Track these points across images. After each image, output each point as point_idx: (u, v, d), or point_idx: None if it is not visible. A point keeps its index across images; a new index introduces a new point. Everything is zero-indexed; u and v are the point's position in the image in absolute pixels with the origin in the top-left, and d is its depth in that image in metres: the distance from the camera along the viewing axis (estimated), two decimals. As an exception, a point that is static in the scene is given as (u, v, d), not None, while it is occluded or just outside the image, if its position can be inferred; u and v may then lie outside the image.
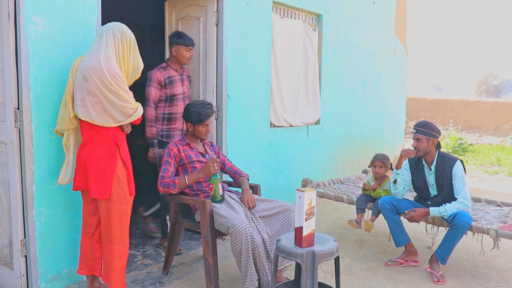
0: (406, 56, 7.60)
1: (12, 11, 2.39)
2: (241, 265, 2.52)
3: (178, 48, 3.42)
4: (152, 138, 3.43)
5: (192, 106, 2.95)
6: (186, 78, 3.58)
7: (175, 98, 3.46)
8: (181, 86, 3.50)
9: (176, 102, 3.47)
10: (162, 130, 3.50)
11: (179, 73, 3.50)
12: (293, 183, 4.72)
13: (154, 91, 3.39)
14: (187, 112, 2.95)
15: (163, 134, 3.50)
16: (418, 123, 3.29)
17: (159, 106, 3.47)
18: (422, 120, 3.36)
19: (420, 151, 3.22)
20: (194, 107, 2.93)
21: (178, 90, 3.46)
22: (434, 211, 3.14)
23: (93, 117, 2.33)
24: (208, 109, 2.93)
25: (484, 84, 49.82)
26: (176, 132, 3.53)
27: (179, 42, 3.41)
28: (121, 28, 2.41)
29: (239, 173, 3.11)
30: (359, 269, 3.26)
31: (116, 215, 2.42)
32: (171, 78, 3.43)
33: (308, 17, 5.03)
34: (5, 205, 2.61)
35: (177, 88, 3.46)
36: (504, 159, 8.69)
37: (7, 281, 2.66)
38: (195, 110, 2.91)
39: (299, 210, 2.19)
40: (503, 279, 3.15)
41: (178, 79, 3.48)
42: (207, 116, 2.92)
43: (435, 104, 13.84)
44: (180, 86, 3.48)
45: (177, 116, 3.48)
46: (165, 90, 3.42)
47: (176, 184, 2.77)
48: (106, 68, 2.28)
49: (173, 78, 3.44)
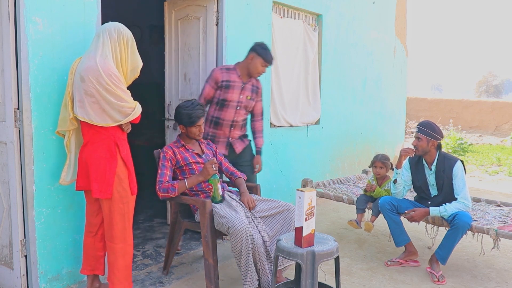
0: (406, 56, 7.60)
1: (12, 11, 2.39)
2: (241, 265, 2.52)
3: (255, 58, 3.28)
4: None
5: (182, 108, 2.89)
6: (250, 89, 3.40)
7: (227, 104, 3.32)
8: (238, 94, 3.34)
9: (226, 109, 3.33)
10: (208, 133, 3.41)
11: (243, 80, 3.35)
12: (293, 183, 4.72)
13: (208, 88, 3.30)
14: (178, 114, 2.90)
15: (208, 137, 3.40)
16: (422, 122, 3.28)
17: (210, 106, 3.38)
18: (426, 120, 3.34)
19: (419, 151, 3.22)
20: (184, 109, 2.87)
21: (232, 97, 3.31)
22: (434, 211, 3.14)
23: (92, 117, 2.33)
24: (199, 110, 2.88)
25: (484, 84, 49.81)
26: (221, 139, 3.41)
27: (260, 53, 3.28)
28: (117, 28, 2.41)
29: (235, 175, 3.09)
30: (359, 269, 3.26)
31: (118, 214, 2.43)
32: (229, 82, 3.30)
33: (308, 17, 5.03)
34: (5, 205, 2.61)
35: (232, 94, 3.31)
36: (504, 159, 8.69)
37: (7, 281, 2.66)
38: (185, 112, 2.85)
39: (299, 210, 2.19)
40: (503, 279, 3.15)
41: (237, 85, 3.33)
42: (197, 117, 2.87)
43: (435, 104, 13.83)
44: (237, 93, 3.33)
45: (224, 122, 3.36)
46: (219, 92, 3.30)
47: (176, 188, 2.75)
48: (102, 68, 2.28)
49: (231, 83, 3.30)
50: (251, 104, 3.45)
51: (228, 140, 3.43)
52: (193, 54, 3.84)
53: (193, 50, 3.84)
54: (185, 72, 3.92)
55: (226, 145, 3.44)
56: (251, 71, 3.33)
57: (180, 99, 3.95)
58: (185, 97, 3.89)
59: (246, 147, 3.55)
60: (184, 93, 3.94)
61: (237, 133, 3.46)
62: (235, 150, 3.46)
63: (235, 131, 3.44)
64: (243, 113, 3.43)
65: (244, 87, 3.36)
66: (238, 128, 3.46)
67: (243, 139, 3.55)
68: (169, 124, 4.04)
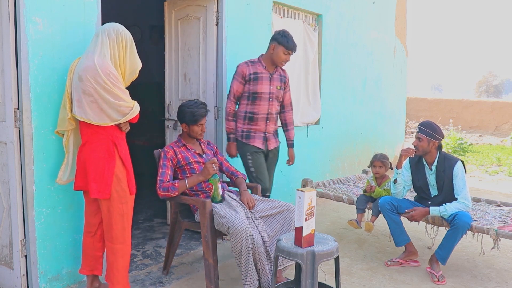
0: (406, 56, 7.60)
1: (12, 11, 2.39)
2: (242, 265, 2.52)
3: (276, 47, 3.25)
4: (229, 132, 3.35)
5: (185, 106, 2.92)
6: (278, 78, 3.37)
7: (259, 97, 3.28)
8: (268, 85, 3.30)
9: (259, 101, 3.29)
10: (242, 130, 3.34)
11: (269, 71, 3.32)
12: (293, 183, 4.72)
13: (236, 84, 3.28)
14: (181, 112, 2.93)
15: (242, 134, 3.35)
16: (423, 122, 3.27)
17: (241, 103, 3.34)
18: (428, 120, 3.33)
19: (420, 151, 3.22)
20: (187, 107, 2.91)
21: (262, 88, 3.28)
22: (434, 211, 3.14)
23: (90, 116, 2.33)
24: (202, 109, 2.92)
25: (484, 84, 49.82)
26: (257, 134, 3.36)
27: (280, 42, 3.24)
28: (116, 29, 2.41)
29: (236, 174, 3.10)
30: (359, 269, 3.26)
31: (117, 214, 2.43)
32: (257, 74, 3.26)
33: (308, 17, 5.03)
34: (5, 205, 2.61)
35: (261, 86, 3.27)
36: (504, 159, 8.69)
37: (7, 281, 2.66)
38: (189, 110, 2.89)
39: (299, 210, 2.19)
40: (503, 279, 3.15)
41: (265, 76, 3.29)
42: (201, 116, 2.90)
43: (435, 104, 13.84)
44: (266, 84, 3.29)
45: (259, 116, 3.33)
46: (248, 86, 3.26)
47: (176, 187, 2.76)
48: (100, 67, 2.28)
49: (259, 74, 3.26)
50: (281, 94, 3.41)
51: (264, 134, 3.39)
52: (193, 54, 3.84)
53: (193, 50, 3.84)
54: (185, 72, 3.93)
55: (263, 140, 3.40)
56: (275, 60, 3.29)
57: (180, 99, 3.95)
58: (185, 97, 3.89)
59: (276, 148, 3.56)
60: (184, 93, 3.94)
61: (272, 126, 3.44)
62: (268, 146, 3.45)
63: (271, 125, 3.42)
64: (276, 105, 3.40)
65: (272, 77, 3.32)
66: (273, 121, 3.43)
67: (276, 138, 3.55)
68: (169, 124, 4.04)
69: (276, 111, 3.44)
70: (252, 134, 3.34)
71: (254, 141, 3.31)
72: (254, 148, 3.37)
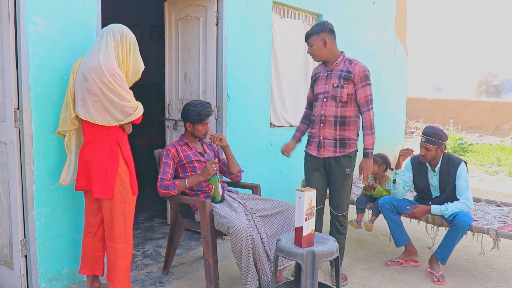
0: (406, 56, 7.60)
1: (12, 11, 2.39)
2: (242, 265, 2.52)
3: (330, 38, 2.95)
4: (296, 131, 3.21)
5: (191, 105, 2.94)
6: (336, 75, 2.90)
7: (316, 98, 3.00)
8: (324, 84, 2.95)
9: (316, 103, 3.01)
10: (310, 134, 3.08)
11: (327, 68, 2.97)
12: (293, 183, 4.72)
13: (309, 89, 3.14)
14: (186, 111, 2.94)
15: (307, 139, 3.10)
16: (427, 131, 3.20)
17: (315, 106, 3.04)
18: (430, 126, 3.25)
19: (427, 159, 3.21)
20: (193, 106, 2.93)
21: (319, 89, 2.98)
22: (436, 209, 3.14)
23: (94, 116, 2.33)
24: (208, 108, 2.94)
25: (484, 84, 49.84)
26: (314, 139, 3.00)
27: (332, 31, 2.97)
28: (121, 30, 2.42)
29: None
30: (359, 269, 3.26)
31: (120, 214, 2.43)
32: (317, 74, 3.04)
33: (308, 17, 5.03)
34: (5, 205, 2.61)
35: (318, 86, 2.99)
36: (504, 159, 8.69)
37: (7, 281, 2.66)
38: (195, 109, 2.91)
39: (299, 210, 2.19)
40: (503, 279, 3.15)
41: (322, 75, 2.98)
42: (206, 115, 2.93)
43: (435, 104, 13.85)
44: (322, 84, 2.96)
45: (314, 119, 2.99)
46: (312, 88, 3.08)
47: (176, 185, 2.77)
48: (105, 67, 2.28)
49: (318, 74, 3.02)
50: (342, 93, 2.87)
51: (319, 140, 2.95)
52: (193, 54, 3.84)
53: (193, 50, 3.84)
54: (185, 72, 3.93)
55: (317, 146, 2.98)
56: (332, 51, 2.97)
57: (180, 99, 3.95)
58: (185, 97, 3.90)
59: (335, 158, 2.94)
60: (184, 93, 3.94)
61: (328, 131, 2.92)
62: (321, 153, 2.96)
63: (326, 129, 2.92)
64: (332, 105, 2.90)
65: (329, 75, 2.94)
66: (330, 125, 2.92)
67: (337, 146, 2.93)
68: (169, 124, 4.04)
69: (333, 114, 2.91)
70: (310, 139, 3.07)
71: (310, 147, 3.04)
72: (307, 154, 3.09)
